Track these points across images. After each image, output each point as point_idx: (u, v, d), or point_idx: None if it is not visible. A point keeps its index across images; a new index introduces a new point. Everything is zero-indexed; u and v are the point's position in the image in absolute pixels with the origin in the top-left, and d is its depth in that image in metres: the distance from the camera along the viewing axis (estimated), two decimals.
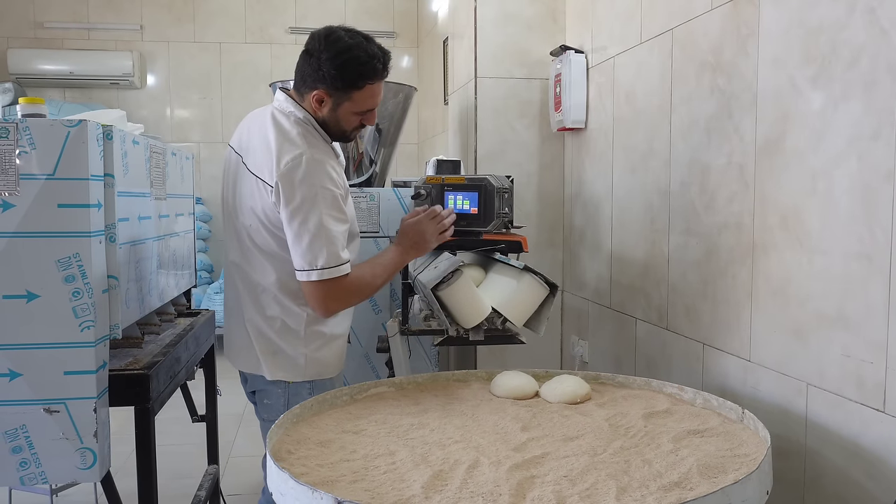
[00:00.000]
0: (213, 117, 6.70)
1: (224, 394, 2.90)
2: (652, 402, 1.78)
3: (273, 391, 1.95)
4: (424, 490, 1.29)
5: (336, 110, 1.90)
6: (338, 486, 1.33)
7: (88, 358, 1.66)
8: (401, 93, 3.32)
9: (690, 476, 1.33)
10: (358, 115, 1.93)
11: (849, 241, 1.60)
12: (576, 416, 1.70)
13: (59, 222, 1.63)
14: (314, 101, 1.89)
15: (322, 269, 1.80)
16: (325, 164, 1.84)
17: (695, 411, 1.72)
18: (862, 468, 1.59)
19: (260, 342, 1.94)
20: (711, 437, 1.54)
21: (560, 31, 3.25)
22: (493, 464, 1.40)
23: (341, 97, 1.88)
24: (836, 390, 1.65)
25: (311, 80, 1.88)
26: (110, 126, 1.74)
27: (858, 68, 1.56)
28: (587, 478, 1.34)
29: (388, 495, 1.29)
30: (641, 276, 2.59)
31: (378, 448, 1.52)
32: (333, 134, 1.97)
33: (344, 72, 1.84)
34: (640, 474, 1.35)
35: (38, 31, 6.52)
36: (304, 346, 1.93)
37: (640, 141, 2.58)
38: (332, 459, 1.47)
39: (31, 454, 1.67)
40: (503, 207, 2.16)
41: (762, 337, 1.91)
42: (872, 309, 1.54)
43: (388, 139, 3.38)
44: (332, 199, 1.83)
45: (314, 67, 1.85)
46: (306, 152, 1.82)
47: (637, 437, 1.55)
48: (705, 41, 2.14)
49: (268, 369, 1.93)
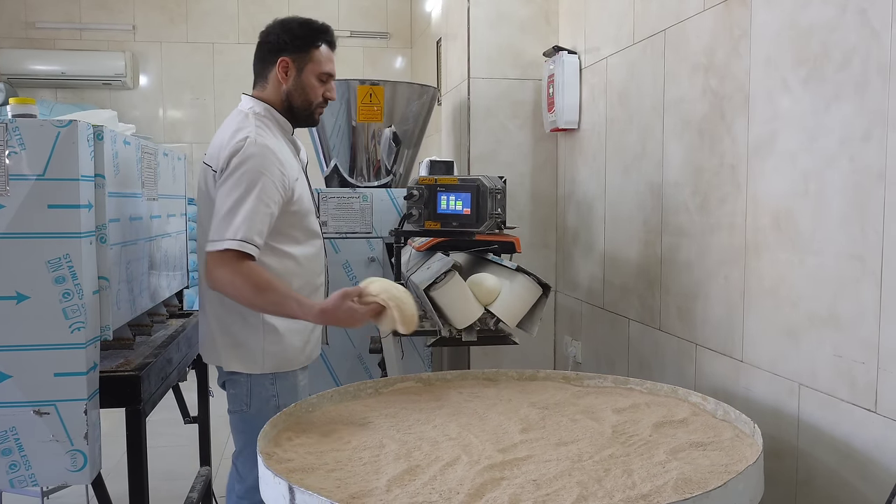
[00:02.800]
0: (206, 118, 6.68)
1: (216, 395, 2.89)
2: (672, 411, 1.71)
3: (237, 380, 1.97)
4: (388, 484, 1.32)
5: (300, 75, 2.00)
6: (314, 474, 1.37)
7: (79, 359, 1.65)
8: (425, 94, 3.34)
9: (663, 489, 1.27)
10: (321, 82, 2.02)
11: (841, 241, 1.60)
12: (585, 420, 1.66)
13: (49, 223, 1.62)
14: (280, 71, 1.99)
15: (228, 240, 1.78)
16: (269, 150, 1.88)
17: (712, 423, 1.64)
18: (854, 468, 1.60)
19: (222, 335, 1.96)
20: (713, 451, 1.47)
21: (553, 32, 3.25)
22: (470, 463, 1.41)
23: (303, 59, 1.99)
24: (827, 390, 1.66)
25: (272, 55, 2.00)
26: (101, 126, 1.73)
27: (850, 69, 1.57)
28: (555, 483, 1.31)
29: (351, 486, 1.32)
30: (634, 277, 2.59)
31: (372, 440, 1.54)
32: (300, 111, 2.03)
33: (301, 32, 2.00)
34: (613, 484, 1.31)
35: (29, 31, 6.49)
36: (262, 339, 1.94)
37: (633, 142, 2.58)
38: (324, 448, 1.50)
39: (21, 456, 1.66)
40: (496, 208, 2.16)
41: (754, 337, 1.91)
42: (864, 309, 1.54)
43: (411, 141, 3.39)
44: (262, 184, 1.84)
45: (272, 43, 2.01)
46: (251, 135, 1.88)
47: (635, 446, 1.50)
48: (698, 42, 2.14)
49: (226, 360, 1.96)
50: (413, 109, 3.30)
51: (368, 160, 3.28)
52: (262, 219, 1.83)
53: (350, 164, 3.30)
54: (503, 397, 1.85)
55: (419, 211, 2.20)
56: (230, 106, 2.24)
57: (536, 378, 2.01)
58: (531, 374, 2.02)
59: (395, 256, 2.33)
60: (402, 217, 2.28)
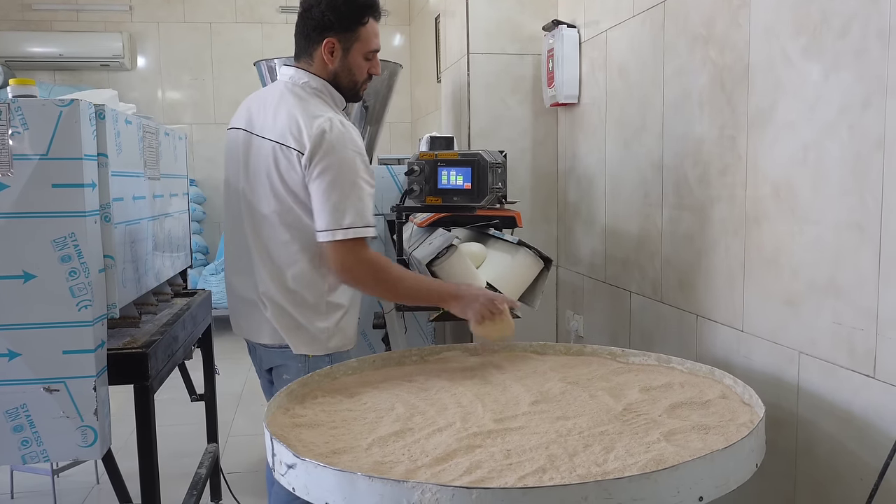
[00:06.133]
0: (205, 98, 6.66)
1: (222, 373, 2.92)
2: (703, 392, 1.63)
3: (292, 366, 1.92)
4: (371, 443, 1.37)
5: (346, 56, 1.91)
6: (314, 430, 1.44)
7: (87, 337, 1.67)
8: (386, 69, 3.31)
9: (627, 469, 1.22)
10: (366, 60, 1.94)
11: (840, 210, 1.61)
12: (604, 397, 1.61)
13: (53, 202, 1.63)
14: (326, 52, 1.90)
15: (347, 228, 1.76)
16: (352, 128, 1.84)
17: (733, 407, 1.55)
18: (853, 435, 1.62)
19: (279, 317, 1.89)
20: (714, 436, 1.39)
21: (552, 6, 3.23)
22: (459, 430, 1.42)
23: (350, 39, 1.90)
24: (827, 358, 1.67)
25: (317, 34, 1.90)
26: (102, 105, 1.74)
27: (850, 37, 1.57)
28: (525, 454, 1.29)
29: (339, 443, 1.38)
30: (635, 250, 2.60)
31: (385, 403, 1.59)
32: (346, 90, 1.96)
33: (347, 9, 1.88)
34: (583, 460, 1.27)
35: (26, 13, 6.46)
36: (324, 319, 1.90)
37: (633, 115, 2.58)
38: (340, 408, 1.57)
39: (33, 433, 1.69)
40: (496, 182, 2.17)
41: (755, 307, 1.93)
42: (863, 277, 1.56)
43: (374, 116, 3.38)
44: (364, 163, 1.82)
45: (317, 20, 1.89)
46: (335, 116, 1.82)
47: (636, 425, 1.45)
48: (697, 13, 2.14)
49: (292, 343, 1.90)
50: (374, 85, 3.27)
51: None
52: (370, 196, 1.81)
53: None
54: (539, 370, 1.83)
55: (420, 186, 2.21)
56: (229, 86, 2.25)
57: (583, 353, 1.98)
58: (578, 348, 2.00)
59: (397, 233, 2.34)
60: (402, 193, 2.29)
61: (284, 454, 1.30)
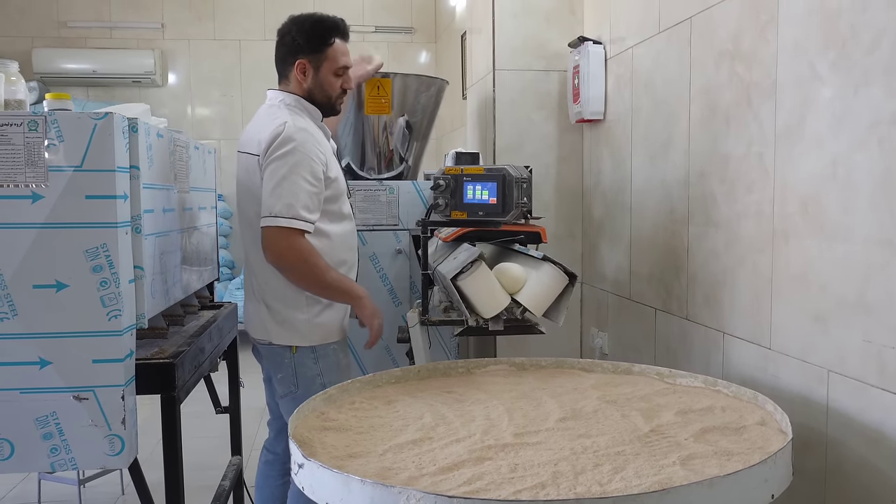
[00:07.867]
0: (234, 115, 6.76)
1: (247, 386, 2.94)
2: (740, 418, 1.59)
3: (282, 363, 2.15)
4: (387, 450, 1.41)
5: (318, 74, 2.15)
6: (341, 434, 1.52)
7: (116, 346, 1.70)
8: (433, 86, 3.35)
9: (629, 490, 1.21)
10: (337, 76, 2.17)
11: (870, 226, 1.59)
12: (636, 417, 1.59)
13: (86, 213, 1.66)
14: (299, 73, 2.14)
15: (276, 216, 1.97)
16: (307, 132, 2.05)
17: (766, 434, 1.50)
18: (884, 455, 1.59)
19: (270, 312, 2.13)
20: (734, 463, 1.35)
21: (578, 23, 3.25)
22: (476, 442, 1.44)
23: (319, 59, 2.14)
24: (857, 376, 1.65)
25: (291, 57, 2.15)
26: (135, 119, 1.77)
27: (879, 52, 1.55)
28: (531, 469, 1.29)
29: (358, 447, 1.44)
30: (661, 267, 2.59)
31: (416, 412, 1.62)
32: (322, 105, 2.19)
33: (314, 33, 2.14)
34: (588, 478, 1.26)
35: (61, 30, 6.61)
36: (304, 311, 2.12)
37: (659, 131, 2.57)
38: (372, 414, 1.62)
39: (62, 440, 1.71)
40: (522, 197, 2.17)
41: (783, 324, 1.90)
42: (893, 294, 1.53)
43: (420, 133, 3.40)
44: (307, 163, 2.01)
45: (288, 45, 2.15)
46: (289, 120, 2.05)
47: (655, 447, 1.42)
48: (724, 29, 2.14)
49: (275, 335, 2.13)
50: (421, 101, 3.31)
51: (379, 152, 3.30)
52: (310, 196, 2.00)
53: (360, 157, 3.32)
54: (580, 387, 1.82)
55: (445, 201, 2.22)
56: (257, 102, 2.31)
57: (631, 372, 1.99)
58: (626, 367, 2.01)
59: (423, 247, 2.35)
60: (428, 208, 2.30)
61: (296, 454, 1.38)
